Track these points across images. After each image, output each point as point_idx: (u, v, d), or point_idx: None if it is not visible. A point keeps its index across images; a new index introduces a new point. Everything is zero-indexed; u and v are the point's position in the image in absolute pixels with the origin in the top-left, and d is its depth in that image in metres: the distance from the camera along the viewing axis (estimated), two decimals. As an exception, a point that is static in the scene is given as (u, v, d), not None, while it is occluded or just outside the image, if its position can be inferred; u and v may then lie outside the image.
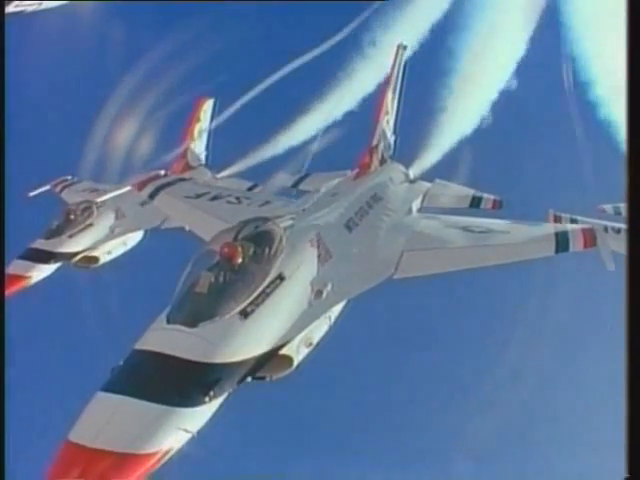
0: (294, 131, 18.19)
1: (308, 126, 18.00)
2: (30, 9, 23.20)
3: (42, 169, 19.64)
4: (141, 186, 15.75)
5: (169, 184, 15.34)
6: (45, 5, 23.74)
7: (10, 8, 20.63)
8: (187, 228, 13.56)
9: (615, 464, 6.90)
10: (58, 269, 16.13)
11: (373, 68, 17.70)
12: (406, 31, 17.58)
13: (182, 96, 20.96)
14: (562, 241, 10.92)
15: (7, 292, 14.37)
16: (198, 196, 14.34)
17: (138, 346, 7.48)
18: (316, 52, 19.33)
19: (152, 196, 15.11)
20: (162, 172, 16.94)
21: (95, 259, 16.62)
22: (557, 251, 10.80)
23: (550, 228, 11.57)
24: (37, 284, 15.71)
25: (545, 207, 13.27)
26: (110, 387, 6.96)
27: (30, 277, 15.40)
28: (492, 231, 11.77)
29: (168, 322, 7.63)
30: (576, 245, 10.79)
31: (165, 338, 7.44)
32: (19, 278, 15.15)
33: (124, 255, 17.27)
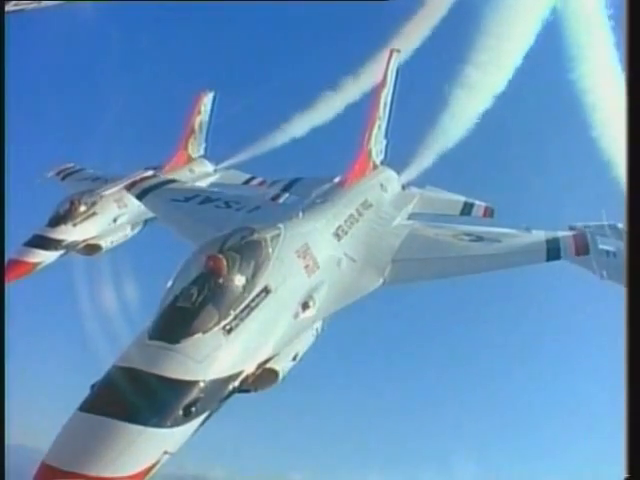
0: (291, 127, 18.44)
1: (305, 123, 18.29)
2: (30, 7, 23.18)
3: (42, 165, 20.06)
4: (130, 187, 15.64)
5: (157, 186, 15.18)
6: (45, 4, 23.70)
7: (10, 7, 20.59)
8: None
9: (615, 464, 6.97)
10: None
11: (371, 72, 17.53)
12: (404, 36, 17.40)
13: (182, 89, 21.57)
14: (553, 249, 10.82)
15: (12, 277, 14.72)
16: (187, 199, 14.13)
17: (119, 363, 7.24)
18: (317, 53, 19.50)
19: (140, 198, 15.00)
20: (151, 172, 16.77)
21: (98, 247, 17.05)
22: (548, 259, 10.68)
23: (541, 236, 11.43)
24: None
25: (537, 215, 13.15)
26: (89, 407, 6.73)
27: (35, 263, 15.72)
28: (483, 239, 11.64)
29: (150, 338, 7.41)
30: (568, 253, 10.67)
31: (146, 355, 7.21)
32: (24, 264, 15.47)
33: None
